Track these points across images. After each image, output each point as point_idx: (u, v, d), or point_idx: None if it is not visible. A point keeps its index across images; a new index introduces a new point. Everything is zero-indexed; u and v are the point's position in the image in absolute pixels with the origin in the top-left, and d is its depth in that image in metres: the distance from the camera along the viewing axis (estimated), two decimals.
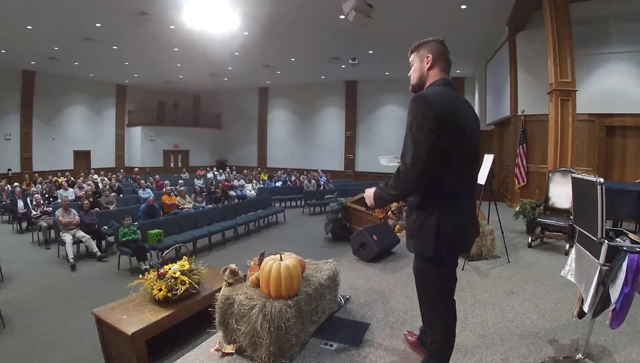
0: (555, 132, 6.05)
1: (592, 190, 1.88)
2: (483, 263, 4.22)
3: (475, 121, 1.75)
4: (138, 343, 2.60)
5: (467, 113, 1.70)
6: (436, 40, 1.75)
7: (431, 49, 1.73)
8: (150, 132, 18.63)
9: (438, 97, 1.59)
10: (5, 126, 14.22)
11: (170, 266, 3.08)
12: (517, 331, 2.60)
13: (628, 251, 1.81)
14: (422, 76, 1.76)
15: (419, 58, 1.77)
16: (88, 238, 6.60)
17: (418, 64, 1.77)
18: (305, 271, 2.68)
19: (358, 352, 2.34)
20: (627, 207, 4.54)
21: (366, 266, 4.14)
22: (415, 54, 1.80)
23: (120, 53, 12.12)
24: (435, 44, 1.74)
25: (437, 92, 1.63)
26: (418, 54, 1.78)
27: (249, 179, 14.16)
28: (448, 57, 1.76)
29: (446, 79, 1.72)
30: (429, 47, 1.74)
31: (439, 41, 1.75)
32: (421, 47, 1.77)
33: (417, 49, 1.79)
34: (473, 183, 1.80)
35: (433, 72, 1.73)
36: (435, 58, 1.72)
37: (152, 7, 8.20)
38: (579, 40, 6.29)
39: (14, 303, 4.53)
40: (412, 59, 1.82)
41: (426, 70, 1.74)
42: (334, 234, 7.66)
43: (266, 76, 16.45)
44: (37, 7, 8.11)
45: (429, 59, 1.72)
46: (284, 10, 8.37)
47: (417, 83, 1.78)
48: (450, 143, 1.56)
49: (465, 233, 1.72)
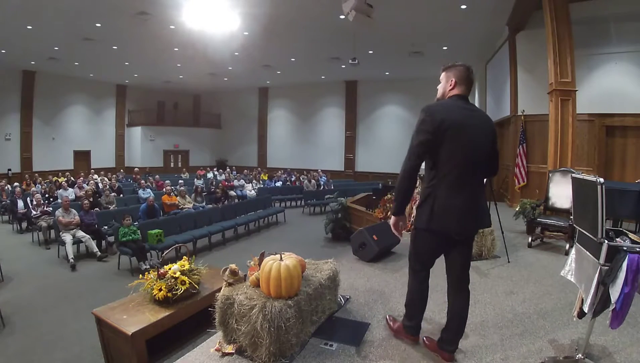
0: (555, 132, 6.04)
1: (592, 190, 1.88)
2: (483, 263, 4.22)
3: (482, 125, 2.05)
4: (138, 343, 2.60)
5: (470, 119, 2.00)
6: (463, 66, 2.09)
7: (456, 74, 2.07)
8: (150, 132, 18.63)
9: (438, 107, 2.01)
10: (5, 126, 14.22)
11: (170, 266, 3.08)
12: (517, 331, 2.60)
13: (628, 251, 1.81)
14: (444, 94, 2.12)
15: (446, 78, 2.11)
16: (88, 238, 6.60)
17: (444, 83, 2.13)
18: (305, 271, 2.68)
19: (358, 352, 2.34)
20: (627, 207, 4.54)
21: (366, 266, 4.14)
22: (444, 73, 2.14)
23: (120, 53, 12.11)
24: (462, 69, 2.08)
25: (440, 104, 2.06)
26: (447, 74, 2.12)
27: (249, 179, 14.16)
28: (472, 78, 2.10)
29: (458, 95, 2.05)
30: (455, 71, 2.09)
31: (466, 67, 2.08)
32: (450, 69, 2.11)
33: (447, 70, 2.12)
34: (476, 176, 2.07)
35: (453, 91, 2.08)
36: (457, 82, 2.07)
37: (152, 7, 8.20)
38: (579, 41, 6.28)
39: (14, 303, 4.53)
40: (441, 76, 2.15)
41: (448, 90, 2.10)
42: (334, 234, 7.66)
43: (266, 76, 16.45)
44: (37, 7, 8.11)
45: (452, 82, 2.07)
46: (284, 10, 8.37)
47: (439, 97, 2.15)
48: (446, 142, 1.93)
49: (459, 216, 1.98)
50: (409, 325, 2.35)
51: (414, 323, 2.33)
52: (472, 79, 2.10)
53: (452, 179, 1.97)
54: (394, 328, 2.53)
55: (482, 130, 2.04)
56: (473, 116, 2.03)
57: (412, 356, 2.29)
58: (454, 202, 1.96)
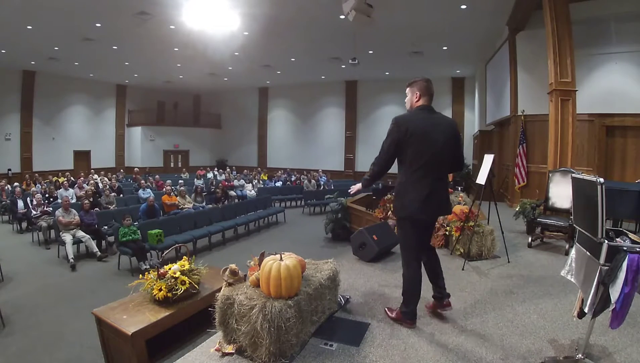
0: (555, 132, 6.04)
1: (592, 190, 1.88)
2: (483, 263, 4.22)
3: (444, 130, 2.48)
4: (138, 343, 2.60)
5: (432, 126, 2.46)
6: (423, 80, 2.56)
7: (419, 87, 2.54)
8: (150, 133, 18.64)
9: (404, 118, 2.51)
10: (5, 126, 14.22)
11: (170, 266, 3.08)
12: (517, 331, 2.60)
13: (628, 251, 1.81)
14: (412, 106, 2.59)
15: (412, 92, 2.58)
16: (88, 238, 6.60)
17: (410, 97, 2.59)
18: (305, 271, 2.68)
19: (358, 351, 2.34)
20: (627, 207, 4.54)
21: (366, 266, 4.14)
22: (409, 88, 2.60)
23: (120, 53, 12.12)
24: (423, 84, 2.54)
25: (406, 115, 2.56)
26: (411, 89, 2.58)
27: (249, 179, 14.16)
28: (432, 90, 2.57)
29: (423, 105, 2.53)
30: (418, 86, 2.55)
31: (426, 80, 2.56)
32: (414, 84, 2.57)
33: (412, 85, 2.58)
34: (440, 172, 2.53)
35: (418, 103, 2.56)
36: (420, 94, 2.54)
37: (152, 7, 8.20)
38: (579, 41, 6.28)
39: (14, 303, 4.53)
40: (407, 91, 2.61)
41: (414, 102, 2.57)
42: (334, 234, 7.66)
43: (266, 76, 16.45)
44: (37, 7, 8.11)
45: (417, 95, 2.55)
46: (284, 10, 8.38)
47: (409, 109, 2.61)
48: (412, 143, 2.41)
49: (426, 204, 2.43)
50: (406, 310, 2.63)
51: (410, 309, 2.62)
52: (432, 91, 2.55)
53: (418, 175, 2.44)
54: (393, 316, 2.73)
55: (444, 134, 2.46)
56: (435, 123, 2.48)
57: (412, 356, 2.29)
58: (419, 194, 2.42)
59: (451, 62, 13.00)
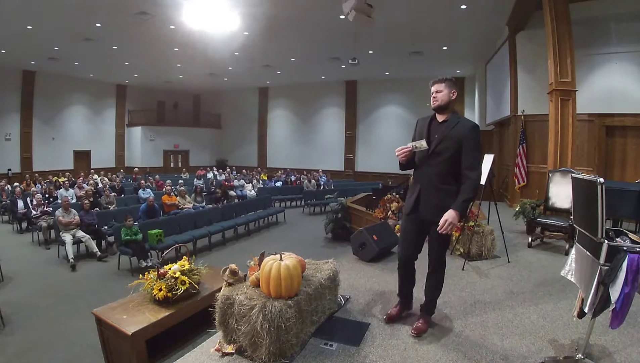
0: (555, 132, 6.05)
1: (592, 190, 1.88)
2: (483, 263, 4.22)
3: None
4: (138, 343, 2.60)
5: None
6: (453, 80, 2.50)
7: (456, 88, 2.44)
8: (150, 133, 18.62)
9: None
10: (5, 126, 14.21)
11: (170, 266, 3.08)
12: (517, 331, 2.60)
13: (628, 251, 1.81)
14: (449, 103, 2.43)
15: (450, 90, 2.42)
16: (88, 238, 6.60)
17: (447, 92, 2.42)
18: (305, 271, 2.68)
19: (358, 351, 2.34)
20: (627, 207, 4.54)
21: (366, 266, 4.14)
22: (447, 84, 2.42)
23: (120, 53, 12.11)
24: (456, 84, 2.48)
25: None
26: (447, 86, 2.42)
27: (249, 179, 14.16)
28: None
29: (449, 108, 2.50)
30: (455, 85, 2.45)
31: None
32: (452, 84, 2.43)
33: (447, 82, 2.43)
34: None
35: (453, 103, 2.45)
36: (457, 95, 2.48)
37: (152, 7, 8.20)
38: (579, 41, 6.28)
39: (14, 303, 4.52)
40: (443, 87, 2.42)
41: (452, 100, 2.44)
42: (334, 234, 7.66)
43: (266, 76, 16.45)
44: (37, 7, 8.10)
45: (454, 94, 2.43)
46: (284, 10, 8.37)
47: (444, 106, 2.42)
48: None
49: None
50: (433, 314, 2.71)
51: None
52: None
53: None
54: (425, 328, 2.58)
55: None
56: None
57: (412, 356, 2.29)
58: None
59: (451, 62, 13.00)
